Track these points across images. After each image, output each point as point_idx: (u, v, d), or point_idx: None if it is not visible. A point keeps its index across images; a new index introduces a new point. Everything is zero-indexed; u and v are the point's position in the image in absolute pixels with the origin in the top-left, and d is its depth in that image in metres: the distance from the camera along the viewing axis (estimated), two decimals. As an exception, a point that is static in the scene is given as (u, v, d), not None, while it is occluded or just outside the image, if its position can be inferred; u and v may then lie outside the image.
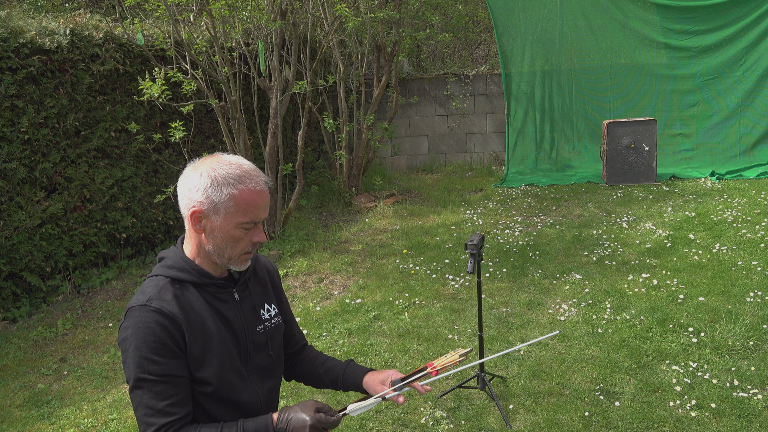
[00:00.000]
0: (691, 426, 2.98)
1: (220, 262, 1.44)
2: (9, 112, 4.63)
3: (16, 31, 4.72)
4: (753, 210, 6.14)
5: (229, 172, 1.38)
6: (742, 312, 4.03)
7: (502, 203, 7.37)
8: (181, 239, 1.51)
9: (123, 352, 1.36)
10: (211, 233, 1.41)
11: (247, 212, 1.40)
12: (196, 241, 1.44)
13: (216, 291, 1.47)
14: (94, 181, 5.33)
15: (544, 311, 4.38)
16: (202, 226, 1.40)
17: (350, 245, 6.19)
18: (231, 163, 1.41)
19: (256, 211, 1.41)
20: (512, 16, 8.89)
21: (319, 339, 4.24)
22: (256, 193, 1.40)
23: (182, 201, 1.41)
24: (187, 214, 1.40)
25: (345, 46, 7.95)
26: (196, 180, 1.39)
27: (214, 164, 1.40)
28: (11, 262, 4.75)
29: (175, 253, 1.47)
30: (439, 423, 3.16)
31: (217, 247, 1.42)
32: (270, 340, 1.58)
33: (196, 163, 1.43)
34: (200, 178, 1.38)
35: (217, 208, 1.38)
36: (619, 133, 7.76)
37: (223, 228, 1.40)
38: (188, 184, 1.40)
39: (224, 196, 1.37)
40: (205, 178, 1.38)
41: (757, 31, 8.34)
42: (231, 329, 1.47)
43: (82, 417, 3.52)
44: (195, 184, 1.39)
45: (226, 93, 5.58)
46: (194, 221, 1.40)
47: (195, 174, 1.40)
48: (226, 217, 1.39)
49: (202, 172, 1.39)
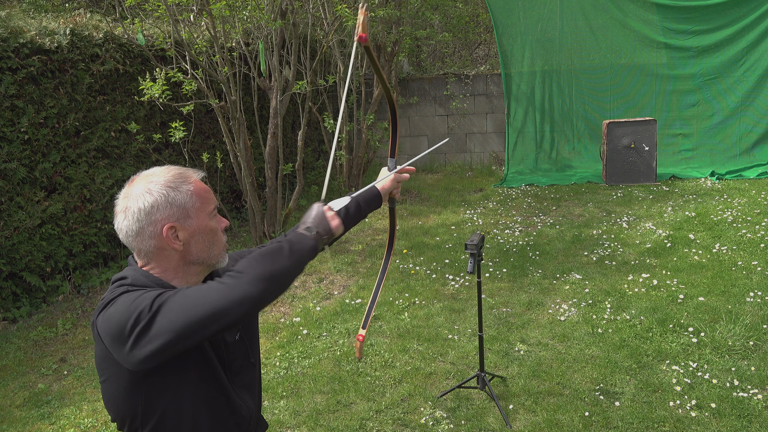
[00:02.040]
0: (691, 426, 2.98)
1: (209, 263, 1.40)
2: (9, 112, 4.63)
3: (16, 31, 4.72)
4: (753, 210, 6.14)
5: (170, 176, 1.35)
6: (742, 312, 4.03)
7: (502, 203, 7.37)
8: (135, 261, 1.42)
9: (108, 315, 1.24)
10: (192, 239, 1.35)
11: (208, 200, 1.39)
12: (172, 262, 1.36)
13: None
14: (94, 181, 5.33)
15: (544, 311, 4.38)
16: (180, 239, 1.34)
17: (350, 245, 6.19)
18: (161, 171, 1.36)
19: (212, 198, 1.41)
20: (512, 16, 8.88)
21: (319, 339, 4.24)
22: (201, 181, 1.40)
23: (144, 233, 1.32)
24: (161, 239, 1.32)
25: (345, 46, 7.95)
26: (148, 201, 1.31)
27: (150, 177, 1.34)
28: (11, 262, 4.75)
29: (134, 270, 1.36)
30: (439, 423, 3.16)
31: (202, 250, 1.37)
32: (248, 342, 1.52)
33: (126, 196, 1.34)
34: (152, 196, 1.31)
35: (186, 211, 1.34)
36: (619, 133, 7.76)
37: (200, 226, 1.36)
38: (143, 212, 1.31)
39: (185, 196, 1.34)
40: (158, 192, 1.32)
41: (757, 31, 8.34)
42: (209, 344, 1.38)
43: (82, 417, 3.52)
44: (150, 205, 1.31)
45: (226, 93, 5.58)
46: (171, 239, 1.33)
47: (141, 200, 1.31)
48: (197, 214, 1.35)
49: (147, 191, 1.32)
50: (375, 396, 3.46)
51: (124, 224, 1.33)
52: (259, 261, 1.24)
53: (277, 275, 1.24)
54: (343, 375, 3.70)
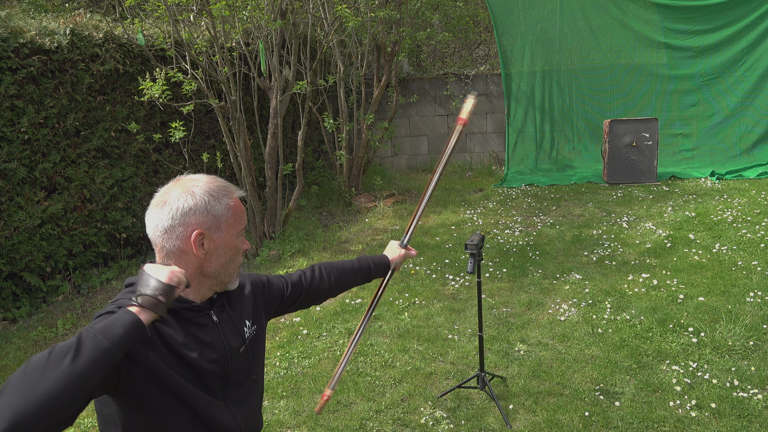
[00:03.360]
0: (691, 426, 2.98)
1: (222, 280, 1.41)
2: (9, 112, 4.63)
3: (16, 31, 4.72)
4: (753, 210, 6.14)
5: (214, 186, 1.37)
6: (742, 312, 4.03)
7: (502, 203, 7.37)
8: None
9: None
10: (215, 251, 1.37)
11: (241, 219, 1.41)
12: (189, 269, 1.35)
13: (192, 316, 1.38)
14: (94, 181, 5.33)
15: (544, 311, 4.38)
16: (205, 248, 1.35)
17: (350, 245, 6.19)
18: (207, 177, 1.39)
19: (245, 218, 1.43)
20: (512, 16, 8.88)
21: (319, 339, 4.24)
22: (240, 200, 1.42)
23: (173, 231, 1.33)
24: (188, 242, 1.33)
25: (345, 46, 7.95)
26: (189, 203, 1.33)
27: (195, 182, 1.36)
28: (11, 262, 4.75)
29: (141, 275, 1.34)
30: (439, 423, 3.16)
31: (220, 265, 1.39)
32: (252, 358, 1.52)
33: (167, 194, 1.35)
34: (193, 199, 1.33)
35: (219, 223, 1.36)
36: (621, 132, 7.77)
37: (226, 241, 1.38)
38: (180, 211, 1.32)
39: (224, 208, 1.36)
40: (200, 197, 1.34)
41: (757, 31, 8.34)
42: (210, 353, 1.39)
43: (81, 417, 3.52)
44: (189, 207, 1.33)
45: (226, 93, 5.58)
46: (197, 245, 1.33)
47: (183, 199, 1.33)
48: (228, 229, 1.38)
49: (190, 193, 1.34)
50: (375, 396, 3.46)
51: (156, 218, 1.34)
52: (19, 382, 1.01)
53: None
54: (343, 375, 3.70)
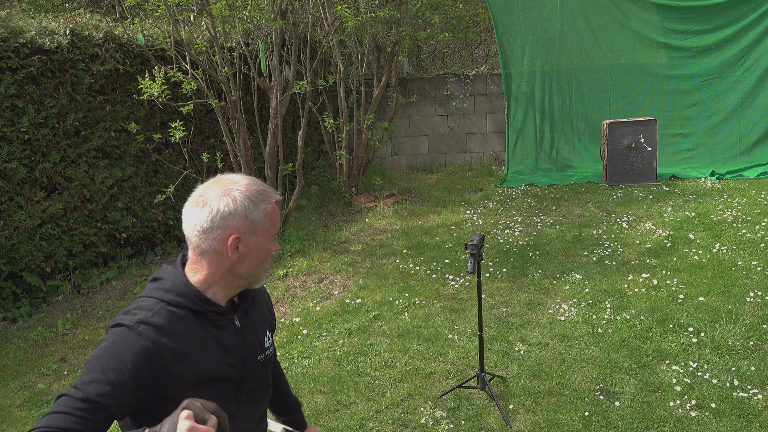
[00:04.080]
0: (691, 426, 2.98)
1: (252, 281, 1.44)
2: (9, 112, 4.63)
3: (16, 31, 4.72)
4: (753, 210, 6.14)
5: (254, 189, 1.38)
6: (742, 312, 4.03)
7: (502, 203, 7.37)
8: (181, 262, 1.45)
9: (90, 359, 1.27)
10: (248, 255, 1.39)
11: (276, 223, 1.43)
12: (221, 269, 1.39)
13: (216, 318, 1.41)
14: (94, 181, 5.33)
15: (544, 311, 4.39)
16: (240, 251, 1.37)
17: (350, 245, 6.19)
18: (248, 180, 1.40)
19: (279, 221, 1.45)
20: (512, 16, 8.89)
21: (319, 339, 4.24)
22: (278, 205, 1.44)
23: (211, 233, 1.35)
24: (224, 244, 1.35)
25: (345, 46, 7.95)
26: (230, 207, 1.34)
27: (236, 186, 1.37)
28: (11, 262, 4.75)
29: (174, 276, 1.39)
30: (439, 423, 3.16)
31: (252, 268, 1.41)
32: (268, 366, 1.56)
33: (206, 192, 1.36)
34: (235, 204, 1.35)
35: (255, 228, 1.38)
36: (620, 133, 7.77)
37: (260, 245, 1.40)
38: (220, 214, 1.34)
39: (261, 213, 1.38)
40: (240, 202, 1.35)
41: (757, 31, 8.34)
42: (227, 357, 1.41)
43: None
44: (230, 211, 1.34)
45: (226, 93, 5.58)
46: (232, 248, 1.35)
47: (223, 201, 1.34)
48: (263, 234, 1.39)
49: (232, 198, 1.35)
50: (375, 396, 3.46)
51: (195, 217, 1.35)
52: None
53: None
54: (343, 375, 3.70)
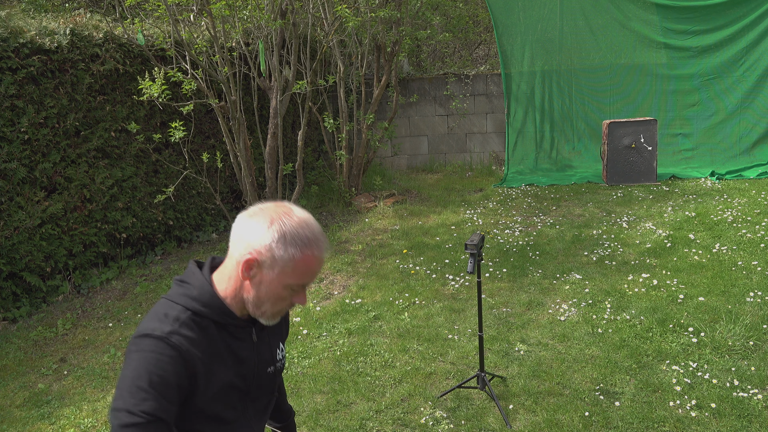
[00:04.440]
0: (691, 426, 2.98)
1: (253, 312, 1.40)
2: (9, 112, 4.63)
3: (16, 31, 4.72)
4: (753, 210, 6.14)
5: (299, 232, 1.33)
6: (742, 312, 4.03)
7: (502, 203, 7.37)
8: (210, 266, 1.44)
9: (125, 366, 1.30)
10: (258, 285, 1.36)
11: (302, 276, 1.35)
12: (237, 284, 1.38)
13: (235, 330, 1.42)
14: (94, 181, 5.33)
15: (544, 311, 4.39)
16: (251, 275, 1.35)
17: (350, 245, 6.19)
18: (302, 221, 1.35)
19: (309, 277, 1.37)
20: (512, 16, 8.89)
21: (319, 339, 4.24)
22: (317, 260, 1.36)
23: (238, 243, 1.35)
24: (241, 260, 1.34)
25: (345, 46, 7.95)
26: (263, 230, 1.32)
27: (285, 219, 1.34)
28: (11, 262, 4.75)
29: (201, 284, 1.39)
30: (439, 423, 3.16)
31: (257, 299, 1.37)
32: (276, 378, 1.57)
33: (263, 209, 1.36)
34: (268, 230, 1.32)
35: (274, 264, 1.33)
36: (620, 134, 7.76)
37: (272, 284, 1.35)
38: (252, 231, 1.33)
39: (287, 256, 1.32)
40: (274, 231, 1.32)
41: (757, 31, 8.34)
42: (240, 368, 1.43)
43: (82, 417, 3.52)
44: (261, 234, 1.32)
45: (226, 93, 5.58)
46: (245, 268, 1.34)
47: (262, 222, 1.33)
48: (279, 275, 1.34)
49: (271, 223, 1.32)
50: (375, 396, 3.46)
51: (239, 224, 1.36)
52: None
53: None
54: (343, 375, 3.70)
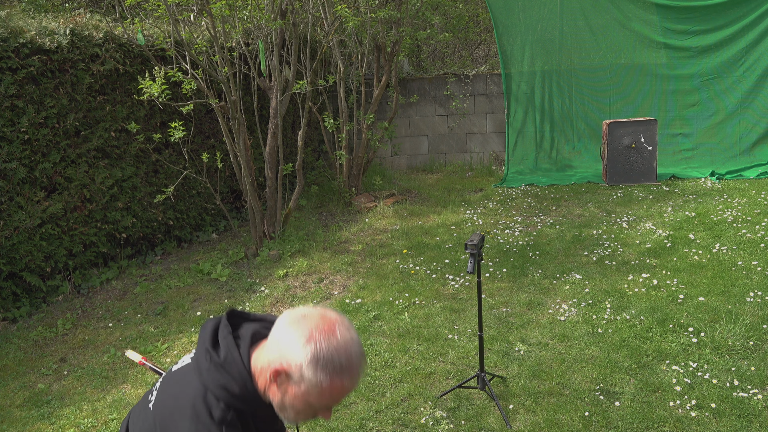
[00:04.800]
0: (691, 426, 2.98)
1: (277, 411, 1.37)
2: (9, 112, 4.63)
3: (16, 31, 4.72)
4: (753, 210, 6.14)
5: (334, 357, 1.26)
6: (742, 312, 4.03)
7: (502, 203, 7.37)
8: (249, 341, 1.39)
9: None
10: (284, 393, 1.31)
11: (326, 401, 1.31)
12: (266, 381, 1.34)
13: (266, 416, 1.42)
14: (94, 181, 5.33)
15: (544, 311, 4.39)
16: (278, 383, 1.31)
17: (350, 245, 6.19)
18: (340, 345, 1.27)
19: (333, 403, 1.32)
20: (512, 16, 8.89)
21: (319, 339, 4.23)
22: (345, 389, 1.30)
23: (274, 347, 1.30)
24: (271, 367, 1.30)
25: (345, 46, 7.95)
26: (299, 345, 1.26)
27: (323, 339, 1.26)
28: (11, 262, 4.75)
29: (243, 378, 1.34)
30: (439, 423, 3.16)
31: (281, 404, 1.33)
32: None
33: (306, 317, 1.30)
34: (303, 347, 1.26)
35: (301, 382, 1.28)
36: (620, 134, 7.77)
37: (296, 398, 1.30)
38: (288, 342, 1.28)
39: (315, 380, 1.26)
40: (308, 351, 1.26)
41: (757, 31, 8.34)
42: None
43: (82, 417, 3.52)
44: (295, 349, 1.27)
45: (226, 93, 5.58)
46: (274, 376, 1.29)
47: (300, 336, 1.27)
48: (304, 394, 1.29)
49: (309, 340, 1.26)
50: (375, 396, 3.46)
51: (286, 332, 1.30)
52: None
53: None
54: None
